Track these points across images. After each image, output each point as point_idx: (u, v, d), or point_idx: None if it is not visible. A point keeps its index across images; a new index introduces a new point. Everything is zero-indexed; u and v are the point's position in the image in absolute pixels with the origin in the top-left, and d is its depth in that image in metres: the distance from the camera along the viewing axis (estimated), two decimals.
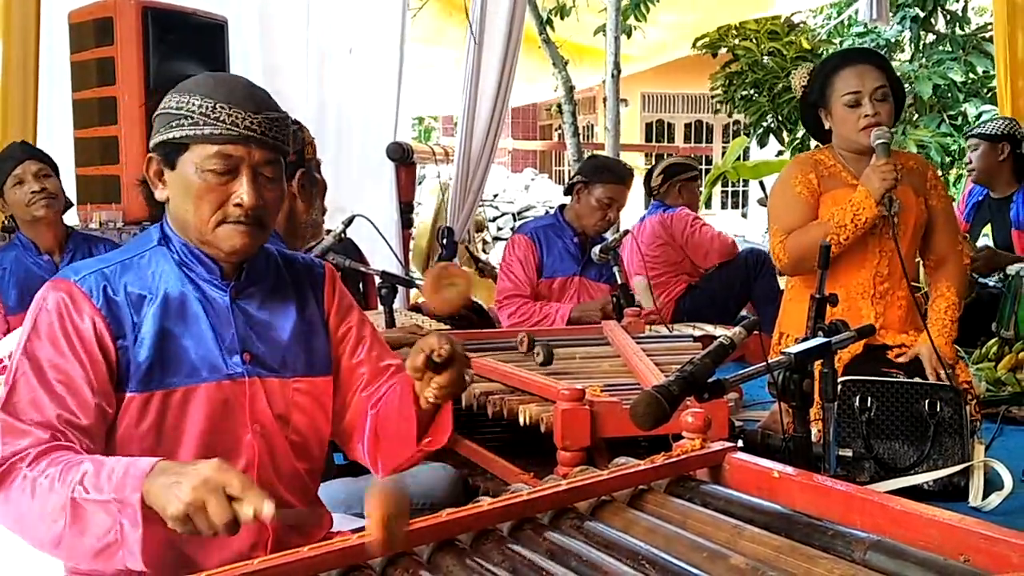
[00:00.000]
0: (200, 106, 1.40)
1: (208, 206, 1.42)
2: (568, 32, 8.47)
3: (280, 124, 1.45)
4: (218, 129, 1.39)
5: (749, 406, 3.06)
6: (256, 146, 1.42)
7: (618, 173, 3.90)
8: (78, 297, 1.40)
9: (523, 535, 1.24)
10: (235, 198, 1.42)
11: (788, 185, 2.70)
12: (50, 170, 3.21)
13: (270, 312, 1.53)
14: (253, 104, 1.42)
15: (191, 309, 1.46)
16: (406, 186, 5.24)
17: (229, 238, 1.44)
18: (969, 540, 1.10)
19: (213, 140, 1.40)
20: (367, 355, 1.62)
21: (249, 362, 1.48)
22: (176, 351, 1.44)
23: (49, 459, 1.26)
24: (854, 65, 2.63)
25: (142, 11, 3.66)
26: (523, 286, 3.85)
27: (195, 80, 1.45)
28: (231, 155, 1.41)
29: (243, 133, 1.40)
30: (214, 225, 1.43)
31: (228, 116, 1.39)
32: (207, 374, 1.45)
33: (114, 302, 1.42)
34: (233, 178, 1.42)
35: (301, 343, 1.55)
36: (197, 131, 1.40)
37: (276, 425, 1.50)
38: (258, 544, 1.48)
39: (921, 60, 7.75)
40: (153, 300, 1.44)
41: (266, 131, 1.42)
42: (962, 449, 2.36)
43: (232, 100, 1.40)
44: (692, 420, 1.46)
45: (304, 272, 1.62)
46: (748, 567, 1.09)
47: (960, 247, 2.75)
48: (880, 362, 2.58)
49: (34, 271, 3.16)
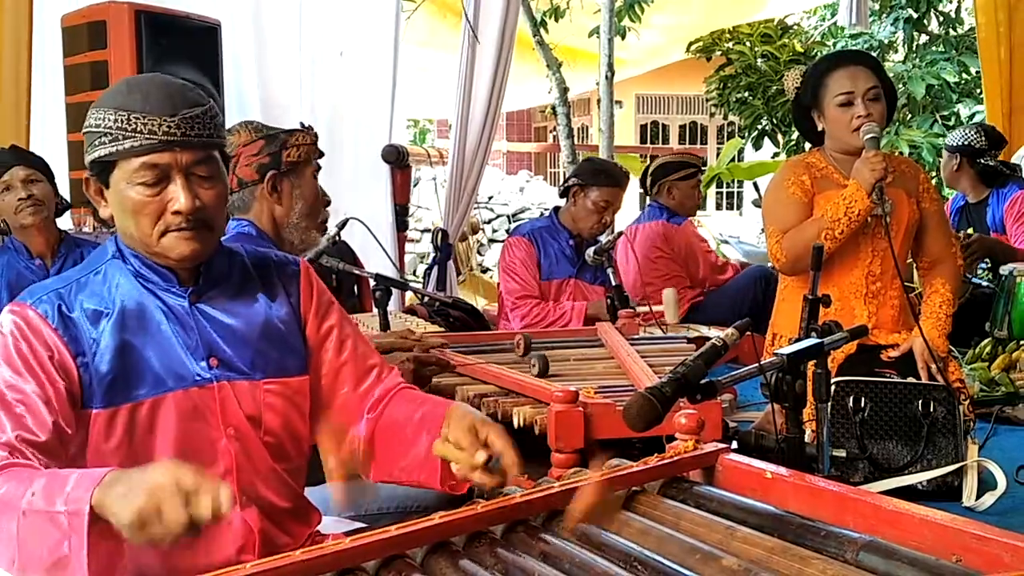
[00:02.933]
0: (115, 120, 1.37)
1: (147, 219, 1.41)
2: (562, 34, 8.48)
3: (203, 119, 1.41)
4: (137, 140, 1.37)
5: (743, 407, 3.06)
6: (180, 148, 1.39)
7: (614, 176, 3.90)
8: (34, 320, 1.39)
9: (516, 537, 1.24)
10: (172, 206, 1.40)
11: (782, 187, 2.71)
12: (40, 175, 3.20)
13: (235, 313, 1.51)
14: (170, 106, 1.38)
15: (152, 318, 1.45)
16: (401, 189, 5.23)
17: (175, 247, 1.42)
18: (961, 540, 1.10)
19: (135, 152, 1.37)
20: (352, 353, 1.61)
21: (216, 367, 1.47)
22: (138, 363, 1.42)
23: (5, 475, 1.24)
24: (846, 66, 2.64)
25: (135, 14, 3.64)
26: (532, 286, 3.84)
27: (110, 91, 1.42)
28: (157, 164, 1.38)
29: (163, 139, 1.37)
30: (158, 236, 1.42)
31: (144, 125, 1.36)
32: (173, 383, 1.43)
33: (70, 320, 1.40)
34: (167, 185, 1.40)
35: (271, 343, 1.53)
36: (118, 147, 1.37)
37: (249, 427, 1.48)
38: (245, 548, 1.47)
39: (914, 61, 7.78)
40: (110, 314, 1.42)
41: (187, 131, 1.39)
42: (956, 449, 2.37)
43: (146, 108, 1.37)
44: (685, 421, 1.46)
45: (276, 270, 1.59)
46: (740, 568, 1.09)
47: (954, 249, 2.76)
48: (873, 362, 2.58)
49: (25, 275, 3.16)
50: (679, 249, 4.36)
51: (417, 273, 7.88)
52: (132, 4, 3.65)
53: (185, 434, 1.43)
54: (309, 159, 2.29)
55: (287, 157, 2.24)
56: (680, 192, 4.49)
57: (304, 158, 2.27)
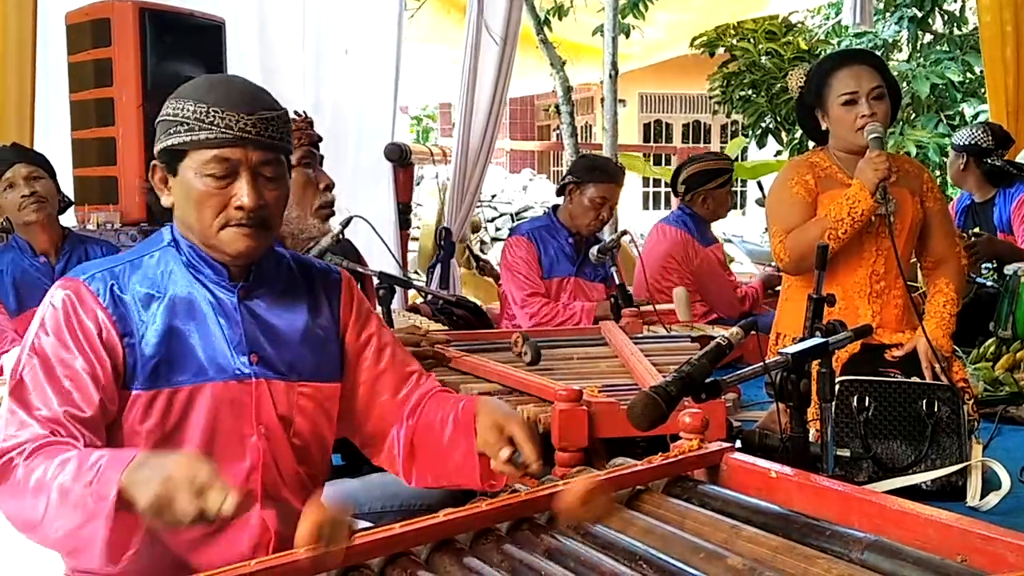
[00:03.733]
0: (194, 111, 1.40)
1: (210, 211, 1.43)
2: (566, 32, 8.48)
3: (277, 123, 1.45)
4: (213, 133, 1.40)
5: (747, 406, 3.05)
6: (253, 147, 1.42)
7: (610, 172, 3.88)
8: (85, 296, 1.41)
9: (521, 535, 1.24)
10: (236, 201, 1.42)
11: (785, 186, 2.71)
12: (42, 172, 3.20)
13: (279, 315, 1.54)
14: (247, 105, 1.42)
15: (199, 309, 1.47)
16: (404, 187, 5.24)
17: (233, 241, 1.45)
18: (966, 540, 1.10)
19: (209, 144, 1.40)
20: (391, 361, 1.63)
21: (256, 363, 1.49)
22: (183, 349, 1.45)
23: (44, 452, 1.27)
24: (851, 66, 2.64)
25: (139, 12, 3.65)
26: (538, 284, 3.82)
27: (191, 84, 1.46)
28: (228, 158, 1.41)
29: (238, 135, 1.40)
30: (217, 229, 1.44)
31: (222, 119, 1.40)
32: (214, 373, 1.45)
33: (121, 300, 1.43)
34: (233, 181, 1.43)
35: (310, 348, 1.55)
36: (193, 136, 1.40)
37: (280, 428, 1.50)
38: (260, 546, 1.48)
39: (919, 60, 7.76)
40: (161, 299, 1.45)
41: (262, 131, 1.42)
42: (960, 449, 2.37)
43: (226, 103, 1.40)
44: (690, 420, 1.46)
45: (319, 278, 1.62)
46: (745, 567, 1.09)
47: (957, 248, 2.76)
48: (877, 362, 2.58)
49: (30, 273, 3.16)
50: (697, 272, 4.23)
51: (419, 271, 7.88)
52: (136, 2, 3.66)
53: (217, 425, 1.45)
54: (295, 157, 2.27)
55: None
56: (715, 201, 4.33)
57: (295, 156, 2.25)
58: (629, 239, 4.23)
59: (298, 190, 2.27)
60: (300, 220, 2.28)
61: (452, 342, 2.72)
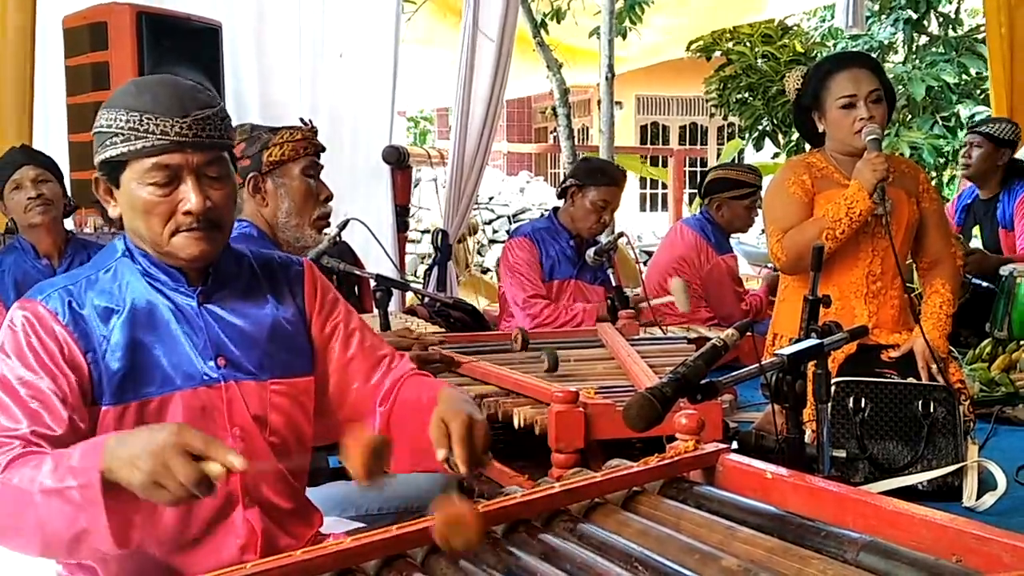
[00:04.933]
0: (127, 121, 1.37)
1: (158, 219, 1.41)
2: (562, 34, 8.48)
3: (214, 121, 1.41)
4: (149, 141, 1.37)
5: (743, 407, 3.06)
6: (192, 150, 1.39)
7: (612, 175, 3.89)
8: (44, 316, 1.39)
9: (517, 537, 1.24)
10: (183, 206, 1.40)
11: (783, 186, 2.72)
12: (50, 175, 3.21)
13: (243, 314, 1.52)
14: (180, 108, 1.38)
15: (161, 317, 1.45)
16: (402, 189, 5.24)
17: (186, 247, 1.43)
18: (961, 540, 1.10)
19: (147, 153, 1.38)
20: (359, 347, 1.62)
21: (224, 367, 1.47)
22: (148, 361, 1.43)
23: (20, 461, 1.25)
24: (848, 69, 2.64)
25: (136, 16, 3.65)
26: (540, 286, 3.82)
27: (121, 92, 1.43)
28: (168, 164, 1.39)
29: (175, 140, 1.38)
30: (168, 236, 1.42)
31: (156, 126, 1.37)
32: (181, 382, 1.44)
33: (80, 316, 1.41)
34: (177, 186, 1.40)
35: (278, 344, 1.53)
36: (130, 147, 1.38)
37: (255, 428, 1.49)
38: (247, 547, 1.47)
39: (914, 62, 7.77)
40: (120, 312, 1.43)
41: (199, 132, 1.39)
42: (956, 449, 2.37)
43: (158, 108, 1.37)
44: (685, 422, 1.46)
45: (280, 271, 1.60)
46: (741, 568, 1.09)
47: (953, 249, 2.77)
48: (874, 363, 2.59)
49: (32, 274, 3.17)
50: (706, 278, 4.24)
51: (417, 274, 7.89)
52: (133, 5, 3.66)
53: None
54: (297, 156, 2.27)
55: (268, 157, 2.24)
56: (730, 211, 4.34)
57: (290, 156, 2.26)
58: (626, 241, 4.23)
59: (299, 199, 2.28)
60: (298, 229, 2.29)
61: (447, 344, 2.72)
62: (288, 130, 2.28)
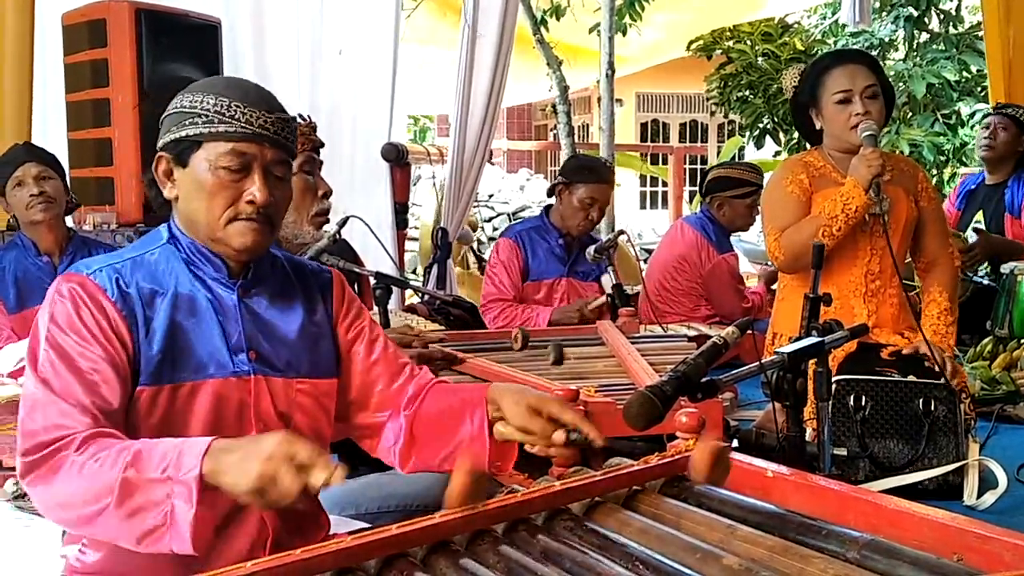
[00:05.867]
0: (215, 104, 1.42)
1: (221, 202, 1.44)
2: (563, 32, 8.48)
3: (290, 126, 1.49)
4: (233, 127, 1.42)
5: (744, 406, 3.06)
6: (269, 145, 1.45)
7: (599, 172, 3.88)
8: (92, 289, 1.41)
9: (517, 536, 1.24)
10: (247, 195, 1.44)
11: (780, 185, 2.72)
12: (52, 172, 3.21)
13: (277, 312, 1.55)
14: (266, 104, 1.46)
15: (200, 306, 1.48)
16: (401, 187, 5.23)
17: (240, 235, 1.46)
18: (962, 539, 1.10)
19: (228, 137, 1.42)
20: (383, 353, 1.65)
21: (255, 360, 1.50)
22: (185, 346, 1.45)
23: (97, 443, 1.28)
24: (844, 65, 2.64)
25: (135, 13, 3.65)
26: (506, 291, 3.84)
27: (207, 81, 1.49)
28: (245, 153, 1.44)
29: (257, 131, 1.43)
30: (225, 222, 1.45)
31: (243, 115, 1.43)
32: (214, 370, 1.46)
33: (127, 295, 1.43)
34: (245, 176, 1.45)
35: (307, 345, 1.57)
36: (212, 128, 1.42)
37: (279, 424, 1.51)
38: (257, 544, 1.49)
39: (915, 59, 7.77)
40: (164, 295, 1.46)
41: (278, 131, 1.46)
42: (957, 448, 2.36)
43: (246, 100, 1.44)
44: (686, 420, 1.46)
45: (312, 277, 1.65)
46: (741, 567, 1.09)
47: (951, 249, 2.76)
48: (874, 361, 2.58)
49: (32, 272, 3.17)
50: (707, 277, 4.23)
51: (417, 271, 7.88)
52: (132, 2, 3.65)
53: (217, 422, 1.46)
54: None
55: None
56: (731, 210, 4.31)
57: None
58: (626, 239, 4.23)
59: (297, 195, 2.27)
60: (296, 225, 2.29)
61: (447, 342, 2.72)
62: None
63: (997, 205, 4.48)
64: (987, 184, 4.58)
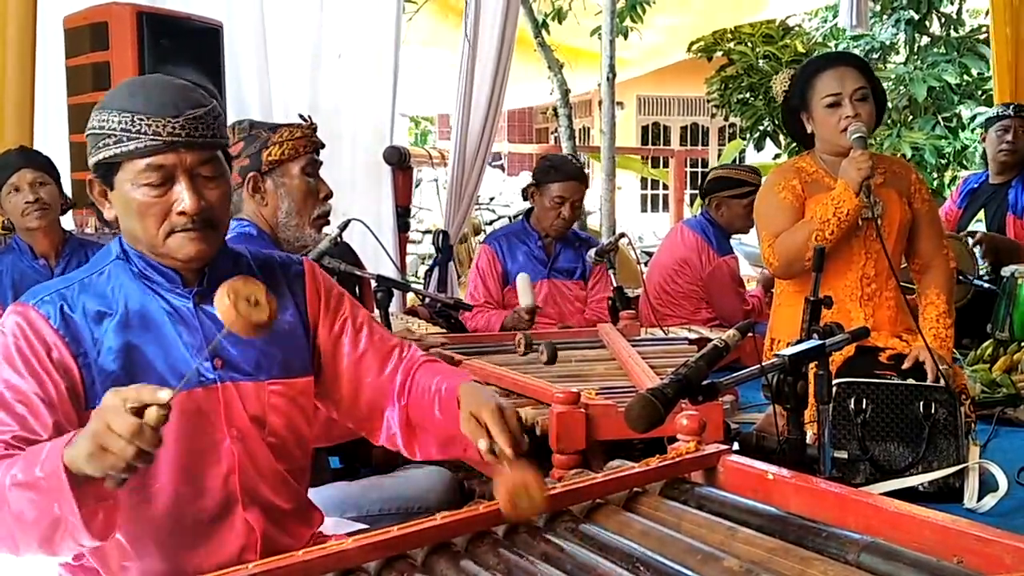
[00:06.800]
0: (119, 122, 1.37)
1: (152, 220, 1.41)
2: (564, 35, 8.48)
3: (206, 120, 1.41)
4: (143, 142, 1.37)
5: (744, 408, 3.06)
6: (185, 149, 1.39)
7: (565, 171, 3.88)
8: (35, 320, 1.39)
9: (518, 538, 1.24)
10: (177, 206, 1.40)
11: (773, 192, 2.72)
12: (48, 177, 3.21)
13: None
14: (172, 107, 1.38)
15: (156, 319, 1.45)
16: (403, 190, 5.23)
17: (181, 247, 1.42)
18: (962, 541, 1.10)
19: (141, 153, 1.37)
20: (369, 341, 1.62)
21: (220, 368, 1.47)
22: (142, 363, 1.42)
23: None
24: (834, 68, 2.64)
25: (137, 16, 3.65)
26: (477, 296, 3.89)
27: (112, 94, 1.43)
28: (162, 164, 1.38)
29: (168, 140, 1.37)
30: (163, 237, 1.42)
31: (148, 127, 1.36)
32: (176, 383, 1.42)
33: (72, 320, 1.40)
34: (171, 186, 1.40)
35: (276, 344, 1.53)
36: (122, 148, 1.37)
37: (253, 428, 1.49)
38: (247, 547, 1.48)
39: (916, 62, 7.76)
40: (113, 315, 1.43)
41: (192, 132, 1.39)
42: (957, 451, 2.37)
43: (149, 109, 1.37)
44: (687, 423, 1.46)
45: (280, 270, 1.60)
46: (742, 569, 1.09)
47: (945, 250, 2.75)
48: (873, 364, 2.58)
49: (29, 275, 3.17)
50: (707, 280, 4.24)
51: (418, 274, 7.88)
52: (134, 6, 3.66)
53: (188, 435, 1.44)
54: (297, 154, 2.26)
55: (268, 156, 2.24)
56: (730, 211, 4.32)
57: (289, 155, 2.25)
58: (627, 242, 4.23)
59: (300, 198, 2.27)
60: (298, 228, 2.29)
61: (449, 345, 2.72)
62: (287, 128, 2.28)
63: (1000, 205, 4.48)
64: (990, 183, 4.58)
